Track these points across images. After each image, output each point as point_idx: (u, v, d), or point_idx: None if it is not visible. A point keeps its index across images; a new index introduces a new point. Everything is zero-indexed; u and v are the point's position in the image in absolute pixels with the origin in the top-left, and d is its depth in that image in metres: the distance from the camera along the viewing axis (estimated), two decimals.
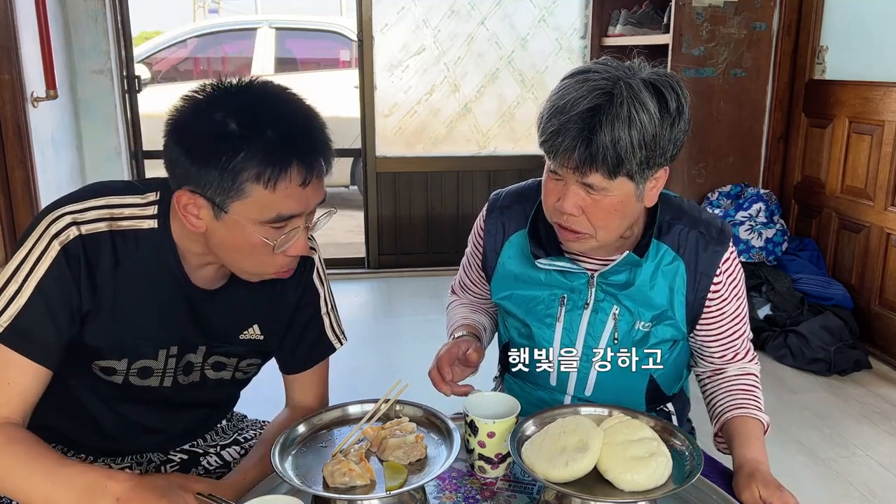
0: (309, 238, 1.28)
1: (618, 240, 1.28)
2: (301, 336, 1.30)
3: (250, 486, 1.16)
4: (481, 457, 1.17)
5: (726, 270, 1.32)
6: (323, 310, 1.31)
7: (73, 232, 1.07)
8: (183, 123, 1.04)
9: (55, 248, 1.07)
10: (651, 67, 1.19)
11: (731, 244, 1.33)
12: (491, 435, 1.15)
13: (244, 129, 1.01)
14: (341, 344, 1.35)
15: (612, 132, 1.10)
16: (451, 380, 1.27)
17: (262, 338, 1.26)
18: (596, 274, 1.31)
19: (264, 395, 1.52)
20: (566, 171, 1.16)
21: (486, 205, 1.45)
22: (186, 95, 1.05)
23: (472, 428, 1.16)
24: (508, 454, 1.15)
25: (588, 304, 1.32)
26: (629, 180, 1.15)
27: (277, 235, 1.07)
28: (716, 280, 1.31)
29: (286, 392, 1.37)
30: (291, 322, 1.29)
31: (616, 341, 1.32)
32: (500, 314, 1.48)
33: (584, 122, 1.11)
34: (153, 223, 1.13)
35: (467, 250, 1.51)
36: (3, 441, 1.03)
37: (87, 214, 1.10)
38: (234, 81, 1.06)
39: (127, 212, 1.12)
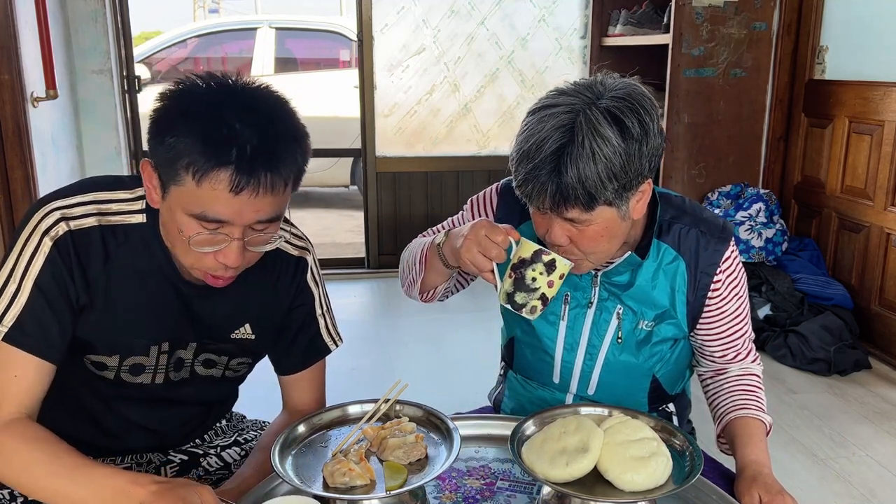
0: (299, 237, 1.28)
1: None
2: (295, 337, 1.30)
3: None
4: (542, 297, 1.17)
5: (726, 269, 1.31)
6: (318, 311, 1.31)
7: (62, 227, 1.08)
8: (166, 96, 1.03)
9: (47, 244, 1.08)
10: (619, 83, 1.15)
11: (731, 243, 1.32)
12: (562, 277, 1.17)
13: (193, 115, 0.99)
14: (336, 345, 1.35)
15: (578, 170, 1.09)
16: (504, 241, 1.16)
17: (253, 337, 1.26)
18: (599, 273, 1.31)
19: (264, 395, 1.52)
20: (545, 210, 1.17)
21: (497, 185, 1.40)
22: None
23: (550, 267, 1.16)
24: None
25: (592, 303, 1.33)
26: (609, 207, 1.15)
27: (208, 236, 1.03)
28: (716, 279, 1.31)
29: (282, 394, 1.36)
30: (285, 323, 1.28)
31: (620, 340, 1.32)
32: (502, 311, 1.48)
33: (551, 164, 1.11)
34: (141, 217, 1.13)
35: (462, 214, 1.43)
36: (22, 439, 1.03)
37: (75, 210, 1.10)
38: (234, 78, 1.04)
39: (115, 207, 1.13)
